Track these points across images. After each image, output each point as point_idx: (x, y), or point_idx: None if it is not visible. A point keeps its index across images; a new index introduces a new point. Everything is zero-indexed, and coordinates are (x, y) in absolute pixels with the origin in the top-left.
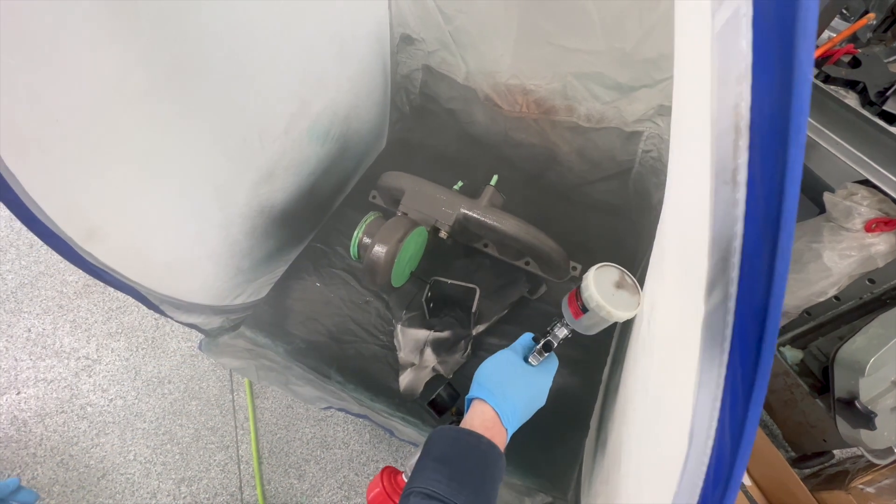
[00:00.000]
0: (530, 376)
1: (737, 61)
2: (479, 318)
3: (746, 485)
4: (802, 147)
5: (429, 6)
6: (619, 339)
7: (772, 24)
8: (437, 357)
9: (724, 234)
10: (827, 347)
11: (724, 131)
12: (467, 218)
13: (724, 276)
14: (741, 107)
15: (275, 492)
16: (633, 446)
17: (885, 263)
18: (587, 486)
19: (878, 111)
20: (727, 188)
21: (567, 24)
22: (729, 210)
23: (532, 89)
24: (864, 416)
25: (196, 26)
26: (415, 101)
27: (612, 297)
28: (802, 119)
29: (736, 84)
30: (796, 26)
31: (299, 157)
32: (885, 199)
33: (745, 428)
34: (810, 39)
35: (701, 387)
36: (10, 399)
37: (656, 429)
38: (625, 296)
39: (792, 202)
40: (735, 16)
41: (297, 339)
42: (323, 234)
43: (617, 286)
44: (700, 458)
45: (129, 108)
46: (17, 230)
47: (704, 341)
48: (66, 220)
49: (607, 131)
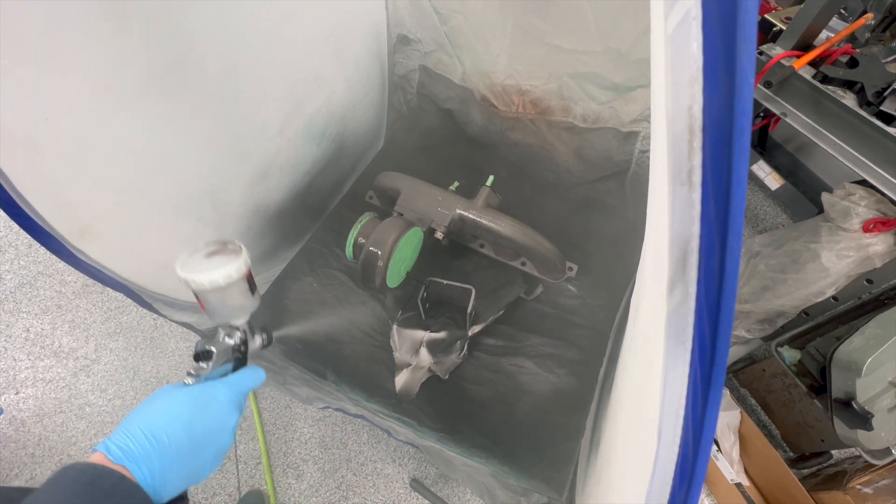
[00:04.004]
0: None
1: (688, 64)
2: (475, 319)
3: (745, 485)
4: (747, 149)
5: (425, 7)
6: (615, 339)
7: (718, 26)
8: (433, 357)
9: (682, 235)
10: (825, 348)
11: (680, 132)
12: (463, 218)
13: (683, 276)
14: (694, 109)
15: (273, 492)
16: (620, 446)
17: (882, 264)
18: (581, 487)
19: (876, 111)
20: (684, 189)
21: (562, 24)
22: (686, 210)
23: (528, 89)
24: (861, 417)
25: (189, 25)
26: (412, 102)
27: (198, 266)
28: (746, 120)
29: (689, 86)
30: (737, 29)
31: (295, 156)
32: (883, 199)
33: (704, 427)
34: (751, 42)
35: (667, 387)
36: (9, 399)
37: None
38: (218, 261)
39: (739, 203)
40: (686, 18)
41: (294, 340)
42: (320, 234)
43: (208, 256)
44: (669, 456)
45: (120, 106)
46: (17, 230)
47: (668, 341)
48: (58, 218)
49: (604, 131)
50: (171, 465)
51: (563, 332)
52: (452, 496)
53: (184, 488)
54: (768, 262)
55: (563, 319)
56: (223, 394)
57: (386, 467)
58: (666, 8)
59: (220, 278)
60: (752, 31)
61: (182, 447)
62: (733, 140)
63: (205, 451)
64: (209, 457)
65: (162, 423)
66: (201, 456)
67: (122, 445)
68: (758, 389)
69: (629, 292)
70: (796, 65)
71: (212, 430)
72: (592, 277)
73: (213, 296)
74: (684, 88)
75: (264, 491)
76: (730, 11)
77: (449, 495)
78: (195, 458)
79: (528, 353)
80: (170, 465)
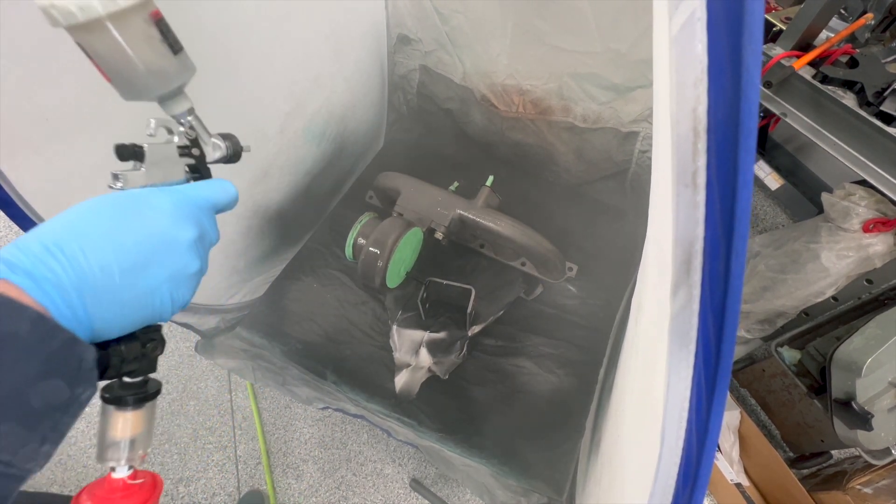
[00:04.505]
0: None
1: (693, 65)
2: (475, 319)
3: (744, 485)
4: (753, 151)
5: (425, 6)
6: (615, 339)
7: (723, 27)
8: (432, 358)
9: (686, 237)
10: (825, 348)
11: (684, 134)
12: (463, 219)
13: (687, 278)
14: (699, 110)
15: (273, 492)
16: (621, 447)
17: (882, 264)
18: (581, 487)
19: (876, 111)
20: (688, 191)
21: (562, 24)
22: (690, 212)
23: (528, 89)
24: (860, 417)
25: (188, 25)
26: (412, 102)
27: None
28: (752, 122)
29: (693, 87)
30: (743, 30)
31: (295, 156)
32: (883, 199)
33: (709, 431)
34: (757, 43)
35: (670, 389)
36: None
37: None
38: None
39: (745, 205)
40: (691, 19)
41: (294, 340)
42: (319, 234)
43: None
44: (672, 459)
45: (120, 106)
46: (17, 231)
47: (672, 344)
48: None
49: (604, 131)
50: (97, 288)
51: (563, 333)
52: (452, 496)
53: (140, 323)
54: (768, 262)
55: (563, 319)
56: (165, 201)
57: (386, 467)
58: (670, 9)
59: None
60: (759, 33)
61: (108, 264)
62: (739, 142)
63: (149, 273)
64: (160, 281)
65: (73, 235)
66: (144, 279)
67: (6, 258)
68: (758, 389)
69: (629, 292)
70: (796, 65)
71: (153, 245)
72: (592, 277)
73: (99, 41)
74: (689, 90)
75: (264, 491)
76: (735, 13)
77: (449, 495)
78: (135, 281)
79: (528, 354)
80: (93, 288)
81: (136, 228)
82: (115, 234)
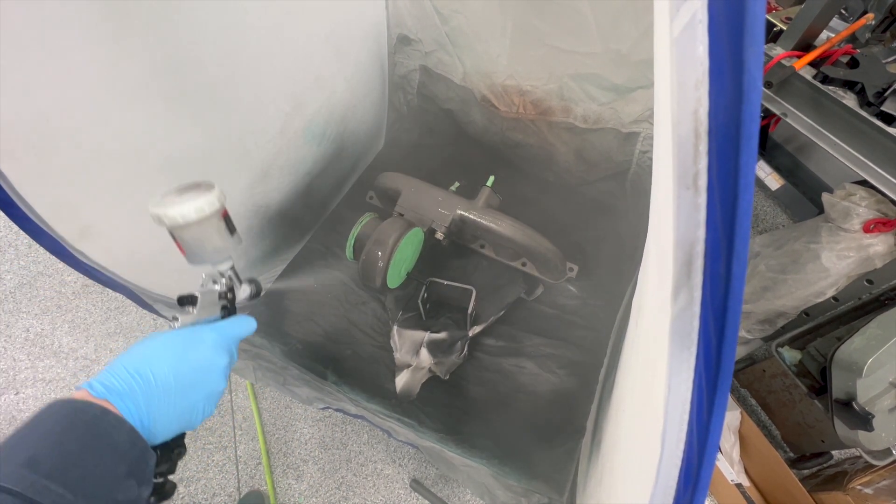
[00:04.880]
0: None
1: (695, 67)
2: (475, 320)
3: (745, 485)
4: (754, 153)
5: (426, 6)
6: (616, 339)
7: (724, 29)
8: (433, 358)
9: (687, 239)
10: (825, 348)
11: (685, 136)
12: (463, 219)
13: (688, 280)
14: (700, 112)
15: (273, 492)
16: (622, 447)
17: (883, 264)
18: (582, 487)
19: (877, 112)
20: (689, 193)
21: (562, 25)
22: (691, 214)
23: (528, 90)
24: (861, 418)
25: (189, 25)
26: (412, 102)
27: (169, 202)
28: (754, 125)
29: (695, 89)
30: (744, 32)
31: (295, 157)
32: (884, 199)
33: (710, 432)
34: (759, 46)
35: (671, 391)
36: (9, 399)
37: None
38: (190, 196)
39: (746, 207)
40: (692, 21)
41: (294, 340)
42: (320, 234)
43: (180, 193)
44: (673, 460)
45: (121, 107)
46: (16, 231)
47: (672, 345)
48: (58, 219)
49: (604, 132)
50: (159, 404)
51: (564, 333)
52: (452, 497)
53: (177, 431)
54: (768, 262)
55: (564, 320)
56: (210, 337)
57: (386, 468)
58: (671, 11)
59: (192, 212)
60: (760, 35)
61: (169, 385)
62: (740, 145)
63: (194, 392)
64: (199, 398)
65: (146, 362)
66: (190, 397)
67: (104, 382)
68: (758, 390)
69: (630, 293)
70: (797, 65)
71: (200, 371)
72: (593, 278)
73: (187, 233)
74: (690, 92)
75: (264, 491)
76: (737, 15)
77: (449, 496)
78: (184, 398)
79: (528, 354)
80: (157, 404)
81: (191, 360)
82: (176, 363)
